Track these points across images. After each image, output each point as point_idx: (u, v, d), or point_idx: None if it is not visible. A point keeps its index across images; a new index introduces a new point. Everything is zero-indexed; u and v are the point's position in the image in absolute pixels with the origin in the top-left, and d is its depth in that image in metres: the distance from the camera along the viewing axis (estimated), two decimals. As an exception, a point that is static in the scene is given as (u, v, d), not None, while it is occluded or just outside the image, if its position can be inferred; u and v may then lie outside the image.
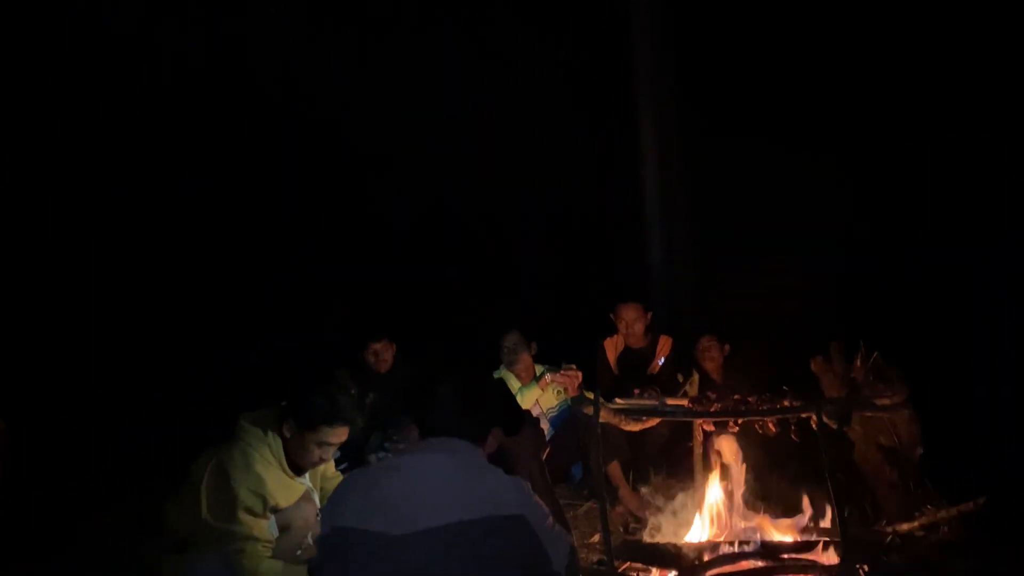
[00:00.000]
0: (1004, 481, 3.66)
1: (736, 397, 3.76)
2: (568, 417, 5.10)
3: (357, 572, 1.86)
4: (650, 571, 3.56)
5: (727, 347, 5.34)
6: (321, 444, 3.10)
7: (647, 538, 4.10)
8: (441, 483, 1.93)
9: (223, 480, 2.95)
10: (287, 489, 3.15)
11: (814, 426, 3.53)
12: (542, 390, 5.11)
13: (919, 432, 3.99)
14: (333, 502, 2.01)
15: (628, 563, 3.64)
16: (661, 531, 4.13)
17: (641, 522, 4.45)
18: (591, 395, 3.60)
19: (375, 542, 1.86)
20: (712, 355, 5.28)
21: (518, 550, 1.93)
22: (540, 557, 2.00)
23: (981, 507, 3.51)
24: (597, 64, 8.02)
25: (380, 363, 5.46)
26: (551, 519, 2.07)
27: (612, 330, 5.60)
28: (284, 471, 3.13)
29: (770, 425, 3.78)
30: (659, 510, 4.50)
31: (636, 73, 6.96)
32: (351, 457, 3.99)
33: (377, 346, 5.47)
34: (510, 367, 5.20)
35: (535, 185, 8.10)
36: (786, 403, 3.60)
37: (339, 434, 3.11)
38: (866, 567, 3.17)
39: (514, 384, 5.14)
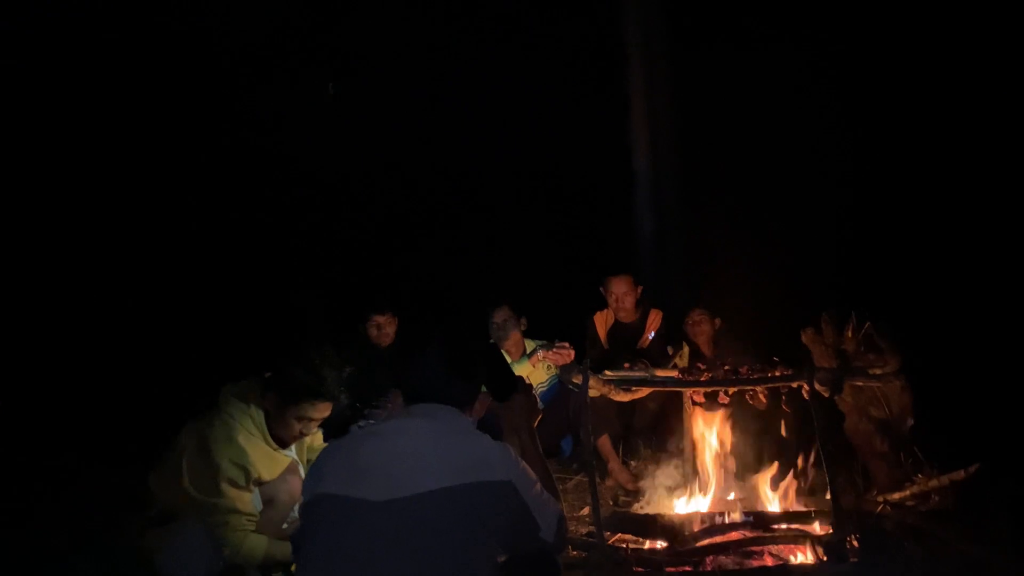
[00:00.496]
0: (996, 449, 3.64)
1: (726, 367, 3.72)
2: (558, 392, 5.06)
3: (339, 539, 1.81)
4: (640, 542, 3.53)
5: (718, 321, 5.29)
6: (302, 419, 3.04)
7: (637, 510, 4.09)
8: (423, 449, 1.88)
9: (204, 452, 2.90)
10: (271, 462, 3.10)
11: (806, 395, 3.50)
12: (533, 367, 5.04)
13: (910, 402, 3.96)
14: (315, 469, 1.96)
15: (618, 535, 3.61)
16: (651, 503, 4.12)
17: (631, 495, 4.44)
18: (581, 368, 3.56)
19: (357, 509, 1.81)
20: (702, 328, 5.23)
21: (504, 516, 1.89)
22: (528, 524, 1.95)
23: (973, 476, 3.49)
24: (587, 32, 7.90)
25: (382, 336, 5.20)
26: (539, 486, 2.02)
27: (602, 304, 5.54)
28: (267, 443, 3.07)
29: (761, 396, 3.74)
30: (649, 482, 4.50)
31: (628, 40, 6.86)
32: (335, 435, 3.94)
33: (380, 318, 5.19)
34: (500, 343, 5.12)
35: (524, 156, 8.01)
36: (777, 372, 3.57)
37: (321, 410, 3.05)
38: (857, 537, 3.15)
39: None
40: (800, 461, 3.91)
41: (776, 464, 3.89)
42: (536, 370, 5.09)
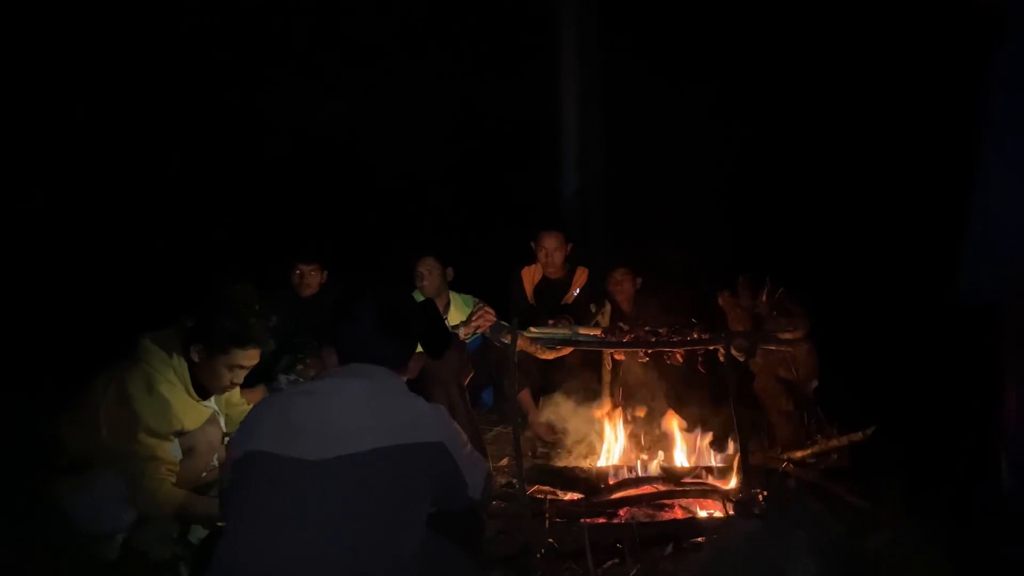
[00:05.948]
0: (890, 412, 3.89)
1: (647, 328, 3.84)
2: (480, 344, 5.10)
3: (271, 497, 1.81)
4: (558, 494, 3.65)
5: (639, 280, 5.43)
6: (233, 367, 3.02)
7: (555, 462, 4.22)
8: (357, 409, 1.89)
9: (124, 401, 2.84)
10: (194, 412, 3.06)
11: (721, 358, 3.65)
12: (464, 338, 5.02)
13: (816, 365, 4.20)
14: (247, 425, 1.94)
15: (536, 486, 3.72)
16: (568, 456, 4.25)
17: (548, 446, 4.56)
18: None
19: (290, 468, 1.81)
20: (624, 287, 5.36)
21: (435, 477, 1.93)
22: (457, 483, 2.01)
23: (870, 436, 3.74)
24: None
25: (304, 286, 5.16)
26: (469, 446, 2.07)
27: (529, 260, 5.61)
28: (190, 394, 3.04)
29: (677, 356, 3.87)
30: (567, 436, 4.63)
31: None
32: (256, 381, 3.90)
33: (305, 267, 5.16)
34: (425, 295, 5.12)
35: (450, 115, 7.90)
36: (695, 335, 3.70)
37: (251, 356, 3.04)
38: (764, 492, 3.34)
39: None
40: (712, 419, 4.10)
41: (689, 421, 4.07)
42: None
